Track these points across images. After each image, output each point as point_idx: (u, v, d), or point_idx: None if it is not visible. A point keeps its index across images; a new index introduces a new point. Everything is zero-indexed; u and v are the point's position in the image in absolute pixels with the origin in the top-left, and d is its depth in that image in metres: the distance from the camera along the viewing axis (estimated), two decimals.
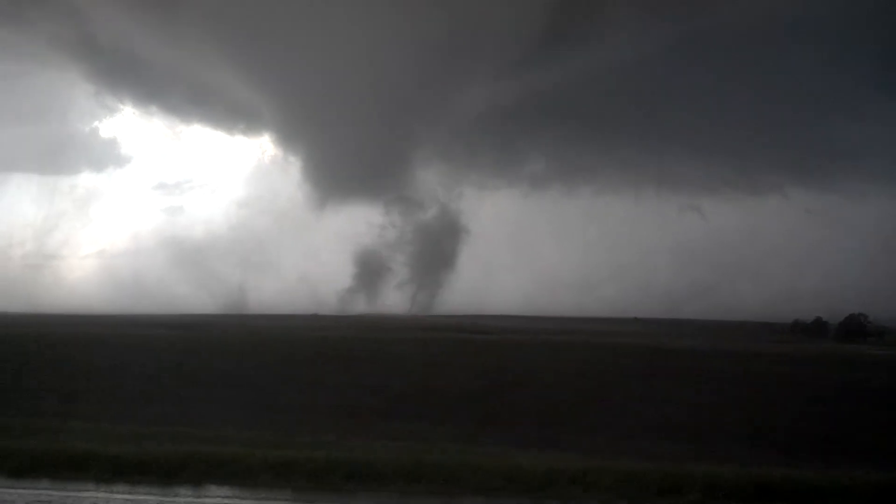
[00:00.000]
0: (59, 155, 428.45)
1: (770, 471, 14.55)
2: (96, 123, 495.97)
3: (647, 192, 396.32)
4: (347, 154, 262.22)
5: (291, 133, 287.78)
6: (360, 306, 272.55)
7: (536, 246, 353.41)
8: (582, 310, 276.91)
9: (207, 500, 12.91)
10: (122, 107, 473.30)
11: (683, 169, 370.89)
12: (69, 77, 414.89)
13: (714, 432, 29.04)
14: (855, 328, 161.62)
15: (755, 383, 48.16)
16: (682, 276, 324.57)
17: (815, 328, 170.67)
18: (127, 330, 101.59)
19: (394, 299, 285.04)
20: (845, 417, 34.68)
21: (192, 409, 29.25)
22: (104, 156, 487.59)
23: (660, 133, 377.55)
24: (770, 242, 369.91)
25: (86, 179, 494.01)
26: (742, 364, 63.40)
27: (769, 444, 26.99)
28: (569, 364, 58.96)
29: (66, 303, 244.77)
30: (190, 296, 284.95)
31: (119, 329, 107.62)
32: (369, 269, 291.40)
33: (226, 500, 12.91)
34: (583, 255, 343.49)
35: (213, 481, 13.60)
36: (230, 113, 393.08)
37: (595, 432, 27.54)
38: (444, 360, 59.29)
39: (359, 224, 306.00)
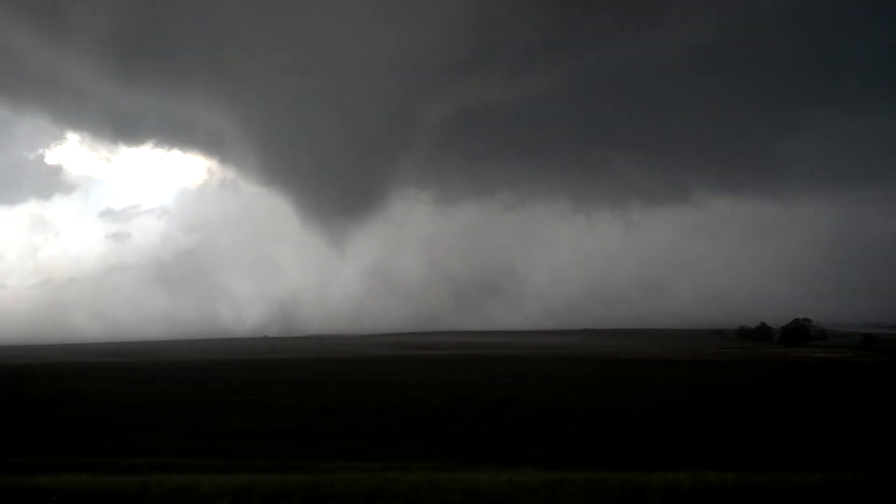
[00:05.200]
0: (3, 184, 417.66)
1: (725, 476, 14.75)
2: (41, 150, 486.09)
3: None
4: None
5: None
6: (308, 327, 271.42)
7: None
8: (533, 324, 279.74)
9: None
10: (67, 134, 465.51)
11: (619, 181, 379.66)
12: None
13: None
14: (798, 332, 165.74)
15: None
16: (625, 285, 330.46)
17: (760, 333, 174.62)
18: (72, 359, 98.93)
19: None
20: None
21: (142, 437, 28.51)
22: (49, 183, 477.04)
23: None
24: (709, 251, 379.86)
25: (31, 207, 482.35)
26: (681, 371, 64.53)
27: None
28: (525, 377, 59.27)
29: (8, 332, 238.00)
30: (134, 321, 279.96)
31: (64, 358, 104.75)
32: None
33: None
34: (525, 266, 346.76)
35: None
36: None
37: (553, 444, 27.64)
38: (397, 378, 59.04)
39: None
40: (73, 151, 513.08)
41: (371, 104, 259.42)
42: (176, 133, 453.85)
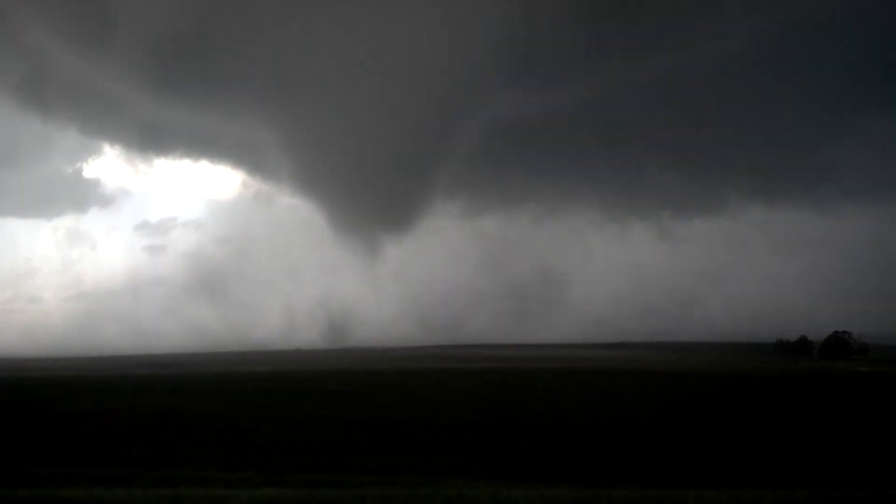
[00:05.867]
0: (41, 197, 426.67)
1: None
2: (79, 164, 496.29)
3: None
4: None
5: None
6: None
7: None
8: (564, 337, 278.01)
9: None
10: (105, 148, 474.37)
11: (655, 191, 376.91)
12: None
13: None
14: (838, 346, 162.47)
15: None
16: (663, 298, 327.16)
17: (799, 347, 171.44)
18: (106, 371, 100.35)
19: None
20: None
21: (175, 450, 28.70)
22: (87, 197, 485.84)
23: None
24: (743, 262, 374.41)
25: (68, 221, 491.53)
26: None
27: None
28: (562, 391, 58.83)
29: (45, 344, 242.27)
30: (169, 333, 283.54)
31: (98, 370, 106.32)
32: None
33: None
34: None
35: None
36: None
37: (589, 460, 27.32)
38: (429, 392, 58.93)
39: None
40: (110, 165, 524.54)
41: (408, 118, 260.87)
42: (211, 145, 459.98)
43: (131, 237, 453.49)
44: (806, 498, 13.89)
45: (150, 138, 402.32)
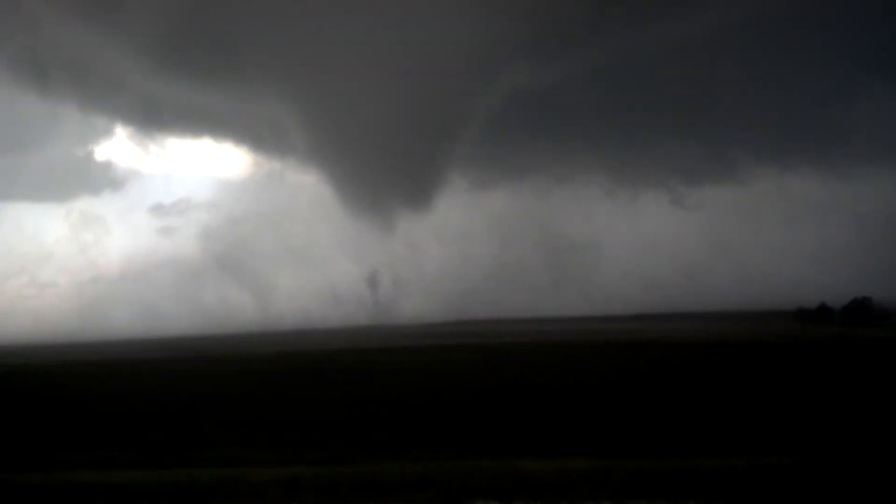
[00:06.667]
0: (53, 181, 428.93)
1: None
2: (91, 147, 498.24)
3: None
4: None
5: None
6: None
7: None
8: (576, 309, 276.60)
9: None
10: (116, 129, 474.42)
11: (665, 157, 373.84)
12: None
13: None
14: (860, 312, 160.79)
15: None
16: (674, 268, 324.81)
17: (820, 314, 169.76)
18: (123, 355, 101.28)
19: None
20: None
21: (193, 432, 28.91)
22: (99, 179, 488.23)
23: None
24: (756, 229, 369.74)
25: (82, 204, 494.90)
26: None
27: None
28: (578, 365, 58.79)
29: (61, 330, 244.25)
30: (185, 316, 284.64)
31: (115, 354, 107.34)
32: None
33: None
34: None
35: (223, 501, 13.34)
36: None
37: (605, 433, 27.26)
38: (443, 367, 59.09)
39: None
40: (122, 146, 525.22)
41: (420, 95, 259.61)
42: (224, 124, 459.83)
43: (145, 219, 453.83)
44: (821, 462, 13.82)
45: (161, 118, 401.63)
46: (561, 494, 12.96)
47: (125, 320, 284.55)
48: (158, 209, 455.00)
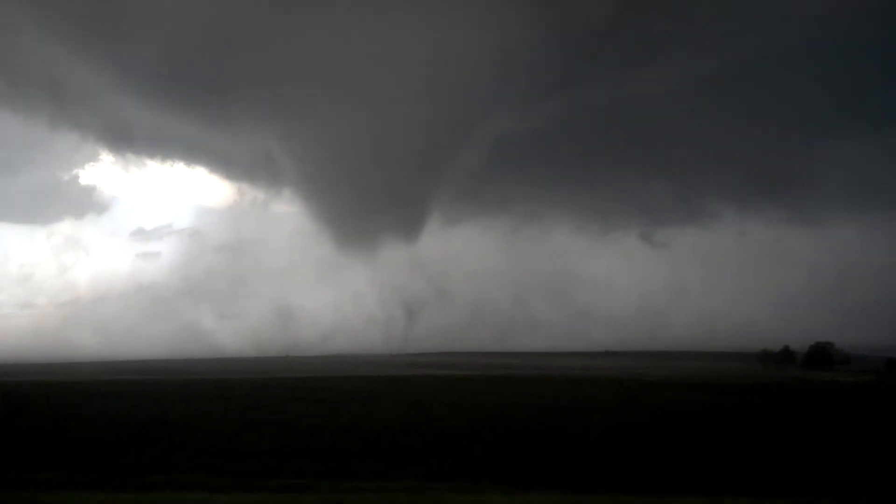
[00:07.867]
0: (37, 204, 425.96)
1: None
2: (76, 171, 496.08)
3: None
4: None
5: None
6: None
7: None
8: (552, 345, 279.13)
9: None
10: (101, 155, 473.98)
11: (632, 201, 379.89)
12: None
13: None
14: (821, 356, 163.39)
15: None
16: (641, 309, 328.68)
17: (783, 357, 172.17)
18: (97, 377, 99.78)
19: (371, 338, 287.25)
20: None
21: (161, 456, 28.59)
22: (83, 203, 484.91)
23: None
24: (722, 272, 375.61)
25: (64, 227, 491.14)
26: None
27: None
28: (543, 400, 58.93)
29: (38, 351, 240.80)
30: (161, 339, 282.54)
31: (89, 376, 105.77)
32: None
33: None
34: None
35: None
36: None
37: (572, 468, 27.42)
38: (419, 398, 58.92)
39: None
40: (106, 171, 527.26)
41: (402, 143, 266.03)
42: (206, 153, 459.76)
43: (126, 243, 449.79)
44: None
45: (146, 144, 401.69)
46: None
47: (98, 343, 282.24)
48: (140, 234, 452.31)
